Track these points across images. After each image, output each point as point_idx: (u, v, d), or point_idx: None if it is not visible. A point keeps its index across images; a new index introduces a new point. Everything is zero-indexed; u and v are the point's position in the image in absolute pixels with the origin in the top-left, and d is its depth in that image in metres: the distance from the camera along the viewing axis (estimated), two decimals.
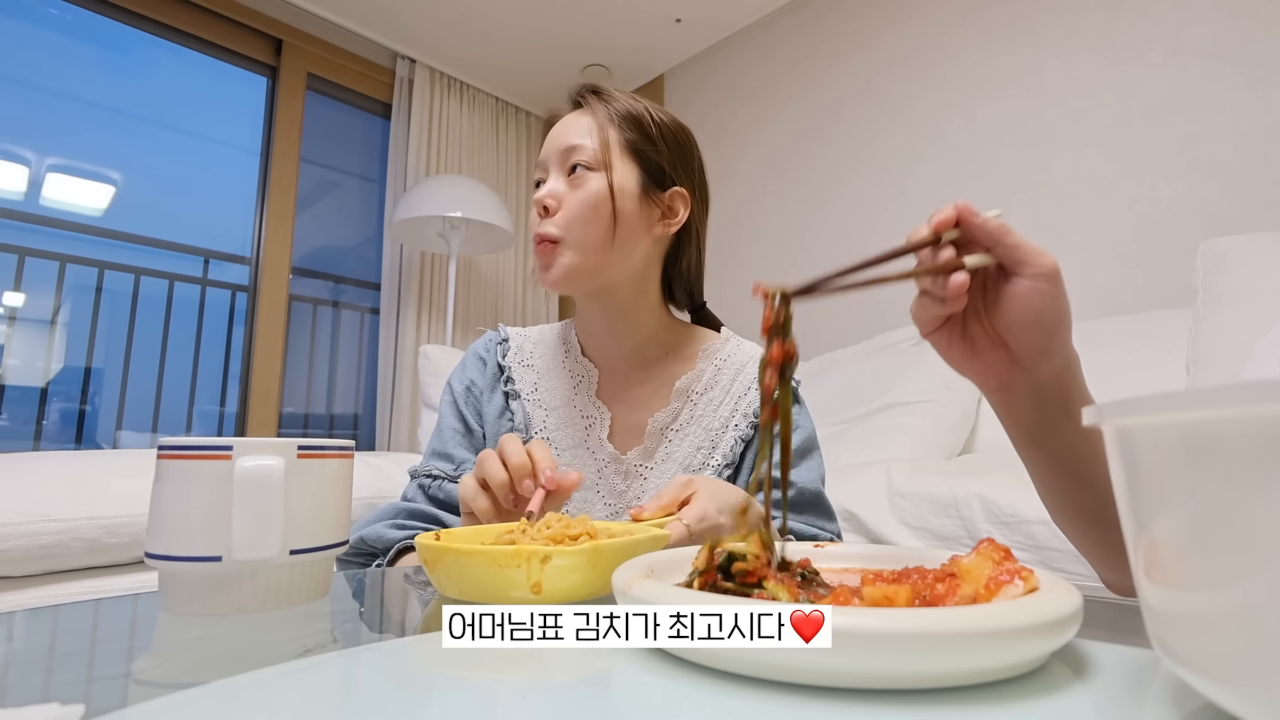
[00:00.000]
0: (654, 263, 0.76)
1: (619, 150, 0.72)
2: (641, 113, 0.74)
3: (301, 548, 0.41)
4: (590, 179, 0.70)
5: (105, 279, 2.44)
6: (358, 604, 0.47)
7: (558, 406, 0.75)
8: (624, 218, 0.71)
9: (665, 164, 0.74)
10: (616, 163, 0.71)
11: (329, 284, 3.04)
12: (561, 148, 0.72)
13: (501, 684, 0.27)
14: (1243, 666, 0.19)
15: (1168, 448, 0.20)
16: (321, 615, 0.41)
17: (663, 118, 0.75)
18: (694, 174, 0.77)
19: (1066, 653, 0.29)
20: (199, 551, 0.39)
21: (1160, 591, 0.21)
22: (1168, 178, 1.75)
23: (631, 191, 0.71)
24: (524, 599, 0.36)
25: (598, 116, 0.73)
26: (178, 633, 0.37)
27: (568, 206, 0.70)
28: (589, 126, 0.72)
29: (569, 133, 0.72)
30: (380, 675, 0.28)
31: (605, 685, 0.27)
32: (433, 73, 3.07)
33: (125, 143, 2.60)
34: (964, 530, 1.12)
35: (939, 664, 0.23)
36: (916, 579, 0.29)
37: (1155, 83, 1.79)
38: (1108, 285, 1.82)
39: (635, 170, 0.72)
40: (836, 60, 2.55)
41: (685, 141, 0.77)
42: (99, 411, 2.44)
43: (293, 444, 0.41)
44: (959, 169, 2.16)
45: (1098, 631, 0.31)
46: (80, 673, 0.31)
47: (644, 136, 0.73)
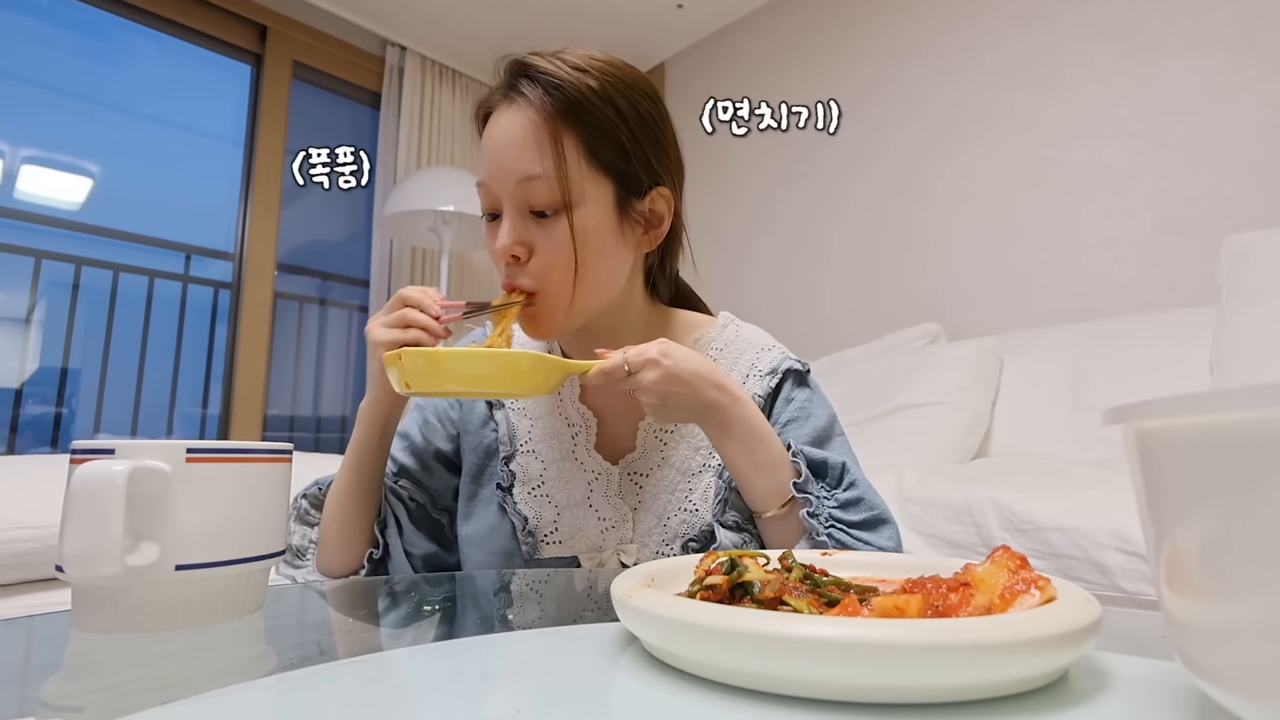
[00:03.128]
0: (636, 273, 0.71)
1: (583, 169, 0.62)
2: (598, 102, 0.62)
3: (192, 563, 0.38)
4: (560, 220, 0.61)
5: (82, 275, 2.44)
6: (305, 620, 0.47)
7: (542, 416, 0.73)
8: (604, 253, 0.64)
9: (640, 167, 0.65)
10: (585, 190, 0.62)
11: (316, 281, 3.04)
12: (513, 178, 0.61)
13: (495, 698, 0.27)
14: (1270, 681, 0.18)
15: (1191, 451, 0.20)
16: (255, 634, 0.41)
17: (624, 96, 0.64)
18: (669, 160, 0.68)
19: (1084, 665, 0.29)
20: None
21: (1183, 601, 0.21)
22: (1190, 170, 1.75)
23: (608, 220, 0.64)
24: (404, 386, 0.54)
25: (544, 118, 0.61)
26: (88, 652, 0.37)
27: (541, 256, 0.62)
28: (538, 139, 0.61)
29: (515, 153, 0.61)
30: (366, 688, 0.28)
31: (604, 700, 0.27)
32: (424, 60, 3.06)
33: (103, 134, 2.60)
34: (978, 537, 1.12)
35: (951, 677, 0.23)
36: (929, 588, 0.29)
37: (1176, 71, 1.79)
38: (1127, 282, 1.82)
39: (607, 189, 0.64)
40: (846, 51, 2.55)
41: (656, 119, 0.66)
42: (76, 414, 2.44)
43: (181, 446, 0.39)
44: (973, 162, 2.16)
45: (1117, 643, 0.31)
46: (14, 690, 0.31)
47: (609, 139, 0.63)
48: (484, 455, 0.73)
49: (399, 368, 0.53)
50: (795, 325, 2.46)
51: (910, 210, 2.28)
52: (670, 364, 0.56)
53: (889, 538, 0.60)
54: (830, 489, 0.60)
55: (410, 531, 0.71)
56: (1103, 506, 1.02)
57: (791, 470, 0.59)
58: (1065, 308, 1.90)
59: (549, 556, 0.69)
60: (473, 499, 0.73)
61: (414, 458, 0.74)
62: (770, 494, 0.59)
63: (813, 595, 0.31)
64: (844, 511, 0.58)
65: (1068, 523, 1.03)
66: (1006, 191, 2.07)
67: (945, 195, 2.20)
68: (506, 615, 0.49)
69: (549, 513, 0.69)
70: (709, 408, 0.58)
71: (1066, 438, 1.55)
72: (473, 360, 0.54)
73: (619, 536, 0.68)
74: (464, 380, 0.54)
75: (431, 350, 0.54)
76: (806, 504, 0.58)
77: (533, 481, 0.70)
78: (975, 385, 1.71)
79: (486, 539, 0.70)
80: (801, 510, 0.58)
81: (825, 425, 0.68)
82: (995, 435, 1.71)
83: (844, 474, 0.60)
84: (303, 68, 2.88)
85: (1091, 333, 1.69)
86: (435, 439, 0.75)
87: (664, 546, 0.67)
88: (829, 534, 0.57)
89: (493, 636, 0.39)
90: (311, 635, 0.44)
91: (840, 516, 0.58)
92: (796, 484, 0.58)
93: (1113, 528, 0.98)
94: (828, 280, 2.50)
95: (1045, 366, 1.71)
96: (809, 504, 0.58)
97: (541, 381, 0.55)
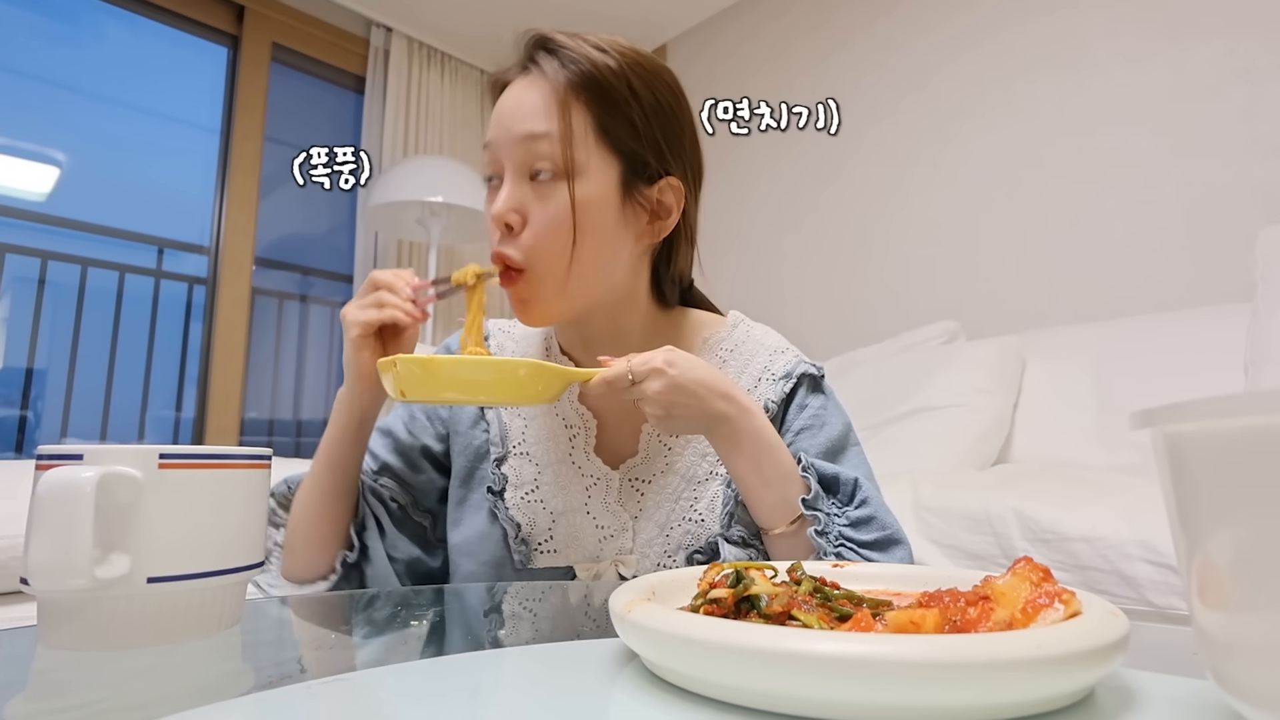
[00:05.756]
0: (641, 268, 0.71)
1: (591, 142, 0.64)
2: (614, 80, 0.64)
3: (165, 575, 0.38)
4: (560, 189, 0.63)
5: (48, 271, 2.44)
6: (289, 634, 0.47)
7: (537, 416, 0.73)
8: (603, 231, 0.64)
9: (651, 152, 0.66)
10: (590, 161, 0.64)
11: (296, 276, 3.04)
12: (516, 138, 0.63)
13: (486, 719, 0.27)
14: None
15: (1224, 457, 0.20)
16: (232, 650, 0.40)
17: (642, 80, 0.66)
18: (685, 152, 0.69)
19: (1111, 684, 0.29)
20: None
21: (1216, 616, 0.21)
22: (1224, 159, 1.75)
23: (611, 198, 0.65)
24: (400, 394, 0.55)
25: (556, 88, 0.64)
26: (55, 670, 0.37)
27: (534, 226, 0.63)
28: (547, 106, 0.63)
29: (523, 116, 0.64)
30: (349, 708, 0.28)
31: (603, 717, 0.27)
32: (411, 42, 3.07)
33: (71, 120, 2.60)
34: (998, 548, 1.12)
35: (970, 697, 0.23)
36: (946, 602, 0.29)
37: (1209, 53, 1.79)
38: (1156, 278, 1.82)
39: (614, 166, 0.65)
40: (856, 28, 2.55)
41: (674, 109, 0.68)
42: (42, 417, 2.44)
43: (153, 452, 0.38)
44: (990, 149, 2.16)
45: (1146, 660, 0.31)
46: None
47: (621, 117, 0.64)
48: (474, 457, 0.73)
49: (394, 375, 0.54)
50: (805, 323, 2.46)
51: (927, 201, 2.28)
52: (676, 373, 0.56)
53: (901, 559, 0.60)
54: (841, 505, 0.60)
55: (393, 534, 0.71)
56: (1130, 516, 1.02)
57: (801, 486, 0.60)
58: (1091, 304, 1.90)
59: (543, 566, 0.68)
60: (462, 504, 0.73)
61: (399, 455, 0.74)
62: (778, 510, 0.60)
63: (823, 610, 0.31)
64: (854, 530, 0.59)
65: (1093, 533, 1.03)
66: (1028, 181, 2.07)
67: (964, 185, 2.20)
68: (498, 631, 0.49)
69: (543, 519, 0.69)
70: (716, 419, 0.58)
71: (1092, 442, 1.55)
72: (470, 368, 0.55)
73: (617, 546, 0.68)
74: (461, 388, 0.55)
75: (428, 358, 0.54)
76: (815, 521, 0.58)
77: (526, 486, 0.70)
78: (995, 387, 1.71)
79: (476, 546, 0.70)
80: (809, 529, 0.58)
81: (840, 435, 0.68)
82: (1016, 440, 1.71)
83: (856, 490, 0.61)
84: (282, 50, 2.88)
85: (1119, 331, 1.69)
86: (423, 436, 0.75)
87: (666, 558, 0.67)
88: (838, 554, 0.57)
89: (484, 653, 0.39)
90: (292, 652, 0.44)
91: (850, 535, 0.58)
92: (806, 500, 0.58)
93: (1141, 538, 0.98)
94: (839, 275, 2.50)
95: (1070, 367, 1.71)
96: (817, 521, 0.58)
97: (541, 390, 0.56)
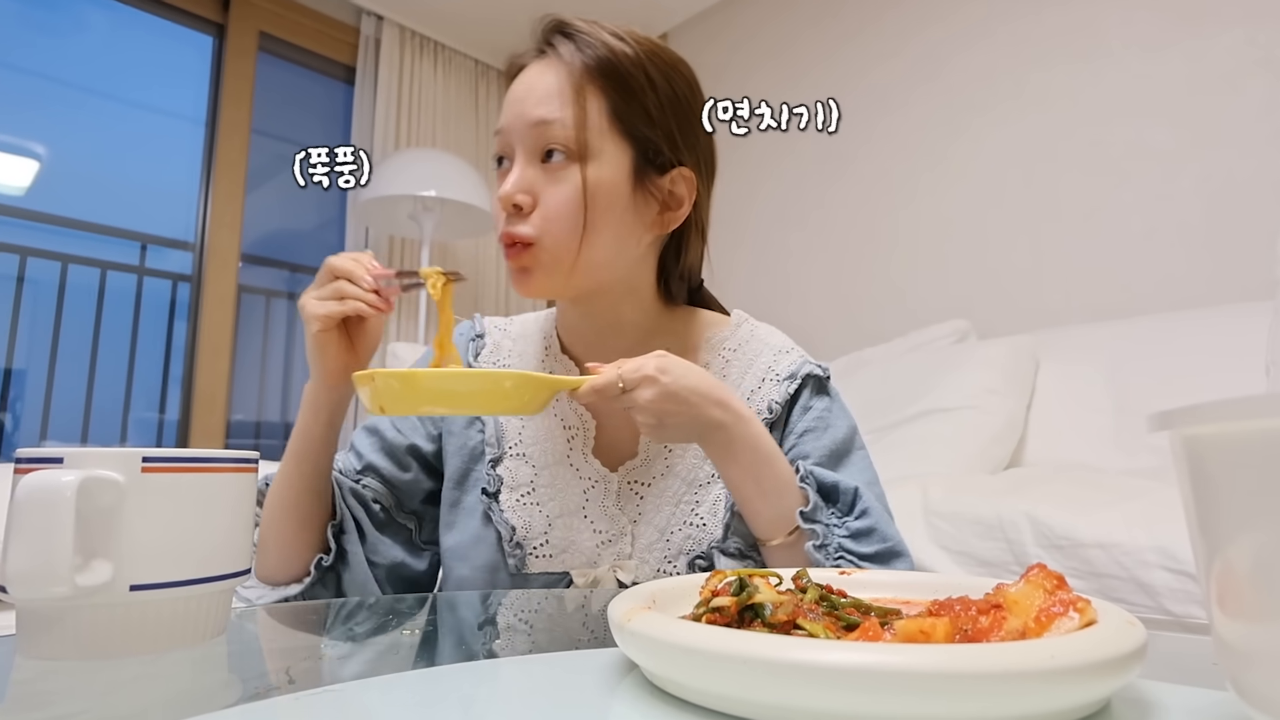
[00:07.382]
0: (648, 260, 0.73)
1: (604, 127, 0.66)
2: (630, 67, 0.66)
3: (148, 583, 0.38)
4: (571, 172, 0.65)
5: (27, 267, 2.44)
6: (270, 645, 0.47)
7: (535, 416, 0.73)
8: (613, 217, 0.66)
9: (664, 140, 0.68)
10: (603, 146, 0.66)
11: (284, 273, 3.04)
12: (529, 121, 0.65)
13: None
14: None
15: (1244, 460, 0.20)
16: (217, 660, 0.40)
17: (659, 69, 0.68)
18: (699, 145, 0.72)
19: (1128, 695, 0.29)
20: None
21: (1236, 625, 0.21)
22: (1244, 152, 1.75)
23: (622, 184, 0.66)
24: (378, 409, 0.54)
25: (572, 73, 0.66)
26: (34, 680, 0.37)
27: (545, 205, 0.65)
28: (561, 90, 0.65)
29: (537, 99, 0.66)
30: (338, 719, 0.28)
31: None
32: (402, 31, 3.06)
33: (51, 112, 2.60)
34: (1011, 555, 1.12)
35: (981, 709, 0.23)
36: (957, 610, 0.29)
37: (1229, 43, 1.79)
38: (1174, 275, 1.82)
39: (627, 152, 0.67)
40: (865, 17, 2.55)
41: (689, 100, 0.70)
42: (21, 419, 2.44)
43: (136, 455, 0.38)
44: (1003, 141, 2.16)
45: (1164, 670, 0.31)
46: None
47: (636, 104, 0.67)
48: (469, 458, 0.73)
49: (371, 389, 0.54)
50: (811, 321, 2.46)
51: (937, 196, 2.28)
52: (669, 381, 0.56)
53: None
54: (841, 516, 0.60)
55: (375, 538, 0.71)
56: (1148, 521, 1.02)
57: (800, 496, 0.60)
58: (1107, 303, 1.90)
59: (538, 571, 0.69)
60: (455, 506, 0.73)
61: (385, 454, 0.74)
62: (776, 522, 0.60)
63: (830, 618, 0.31)
64: (854, 542, 0.59)
65: (1109, 539, 1.03)
66: (1042, 175, 2.07)
67: (975, 179, 2.20)
68: (492, 641, 0.49)
69: (539, 522, 0.69)
70: (711, 427, 0.58)
71: (1108, 445, 1.55)
72: (452, 380, 0.55)
73: (616, 551, 0.68)
74: (443, 401, 0.56)
75: (408, 372, 0.54)
76: (813, 536, 0.58)
77: (522, 487, 0.70)
78: (1008, 388, 1.71)
79: (470, 550, 0.70)
80: (807, 543, 0.58)
81: (845, 438, 0.69)
82: (1030, 443, 1.71)
83: (856, 500, 0.61)
84: (270, 39, 2.88)
85: (1135, 330, 1.69)
86: (413, 434, 0.75)
87: (666, 564, 0.67)
88: (837, 567, 0.58)
89: (477, 664, 0.39)
90: (279, 662, 0.44)
91: (850, 548, 0.59)
92: (804, 513, 0.59)
93: (1159, 544, 0.98)
94: (846, 273, 2.50)
95: (1085, 367, 1.71)
96: (815, 535, 0.58)
97: (528, 400, 0.56)
